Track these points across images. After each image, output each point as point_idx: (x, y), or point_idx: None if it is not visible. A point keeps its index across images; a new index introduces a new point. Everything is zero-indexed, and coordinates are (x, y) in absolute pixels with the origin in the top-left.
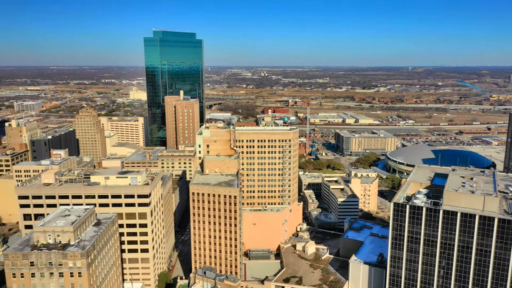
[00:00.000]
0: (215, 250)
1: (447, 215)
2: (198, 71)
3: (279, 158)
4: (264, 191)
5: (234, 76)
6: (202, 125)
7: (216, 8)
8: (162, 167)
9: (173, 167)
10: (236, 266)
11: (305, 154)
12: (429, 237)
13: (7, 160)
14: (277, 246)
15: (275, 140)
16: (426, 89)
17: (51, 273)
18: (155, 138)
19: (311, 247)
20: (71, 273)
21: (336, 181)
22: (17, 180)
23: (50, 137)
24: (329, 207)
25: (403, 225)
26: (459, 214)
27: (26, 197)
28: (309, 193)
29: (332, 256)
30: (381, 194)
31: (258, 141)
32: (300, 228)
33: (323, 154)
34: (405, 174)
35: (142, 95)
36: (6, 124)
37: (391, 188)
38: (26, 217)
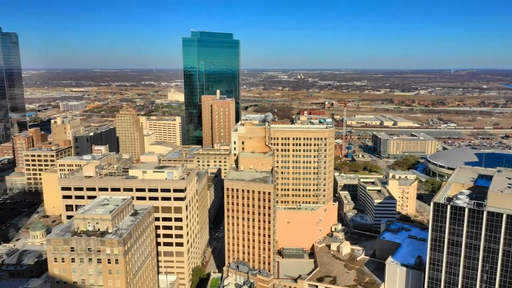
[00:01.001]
0: (248, 246)
1: (492, 216)
2: (234, 72)
3: (314, 157)
4: (299, 190)
5: (270, 79)
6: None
7: (253, 9)
8: (198, 165)
9: (208, 165)
10: (269, 263)
11: (341, 156)
12: (471, 239)
13: (52, 156)
14: (311, 246)
15: (310, 138)
16: (470, 92)
17: (90, 259)
18: (191, 137)
19: (346, 248)
20: (109, 259)
21: (373, 183)
22: (60, 173)
23: (92, 134)
24: (365, 209)
25: (443, 227)
26: (504, 216)
27: (69, 189)
28: (344, 194)
29: (367, 257)
30: (420, 197)
31: (293, 138)
32: (335, 228)
33: (360, 156)
34: (446, 177)
35: (180, 97)
36: (52, 121)
37: (431, 191)
38: (68, 207)
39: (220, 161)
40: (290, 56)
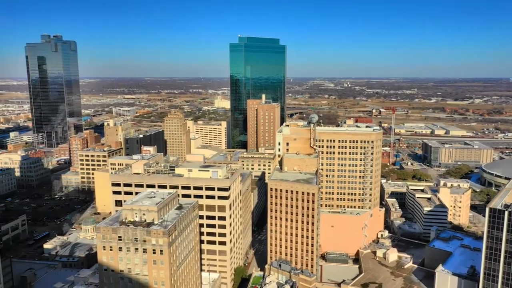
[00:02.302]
0: (291, 248)
1: None
2: (280, 78)
3: (360, 160)
4: (344, 193)
5: (316, 87)
6: None
7: (300, 17)
8: (242, 167)
9: (252, 168)
10: (312, 266)
11: (388, 164)
12: None
13: (104, 156)
14: (355, 251)
15: (357, 141)
16: None
17: (136, 249)
18: (236, 141)
19: (393, 255)
20: (154, 250)
21: (422, 190)
22: (111, 171)
23: (141, 136)
24: (413, 217)
25: (500, 234)
26: None
27: (118, 184)
28: (392, 201)
29: (415, 266)
30: (474, 208)
31: (339, 141)
32: (381, 235)
33: (409, 164)
34: (503, 188)
35: (226, 104)
36: (105, 123)
37: (486, 202)
38: (117, 203)
39: (264, 165)
40: (337, 64)
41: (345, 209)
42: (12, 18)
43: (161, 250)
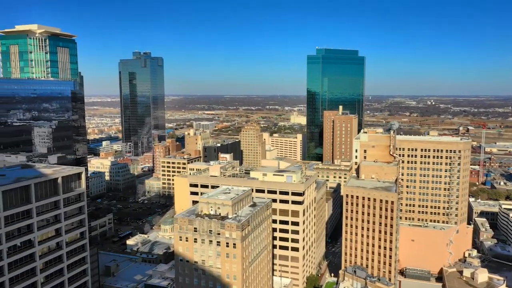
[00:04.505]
0: (367, 258)
1: None
2: (358, 90)
3: (445, 171)
4: (426, 206)
5: (396, 105)
6: None
7: (380, 31)
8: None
9: (327, 179)
10: (389, 279)
11: (477, 183)
12: None
13: (184, 163)
14: (438, 269)
15: (441, 150)
16: None
17: (210, 241)
18: (311, 154)
19: (483, 275)
20: (227, 243)
21: None
22: (190, 173)
23: (219, 145)
24: (507, 239)
25: None
26: None
27: (196, 185)
28: (481, 221)
29: None
30: None
31: (422, 150)
32: (469, 254)
33: (501, 183)
34: None
35: (302, 119)
36: (185, 133)
37: None
38: (194, 203)
39: (340, 177)
40: (420, 81)
41: (427, 223)
42: (108, 37)
43: (234, 244)
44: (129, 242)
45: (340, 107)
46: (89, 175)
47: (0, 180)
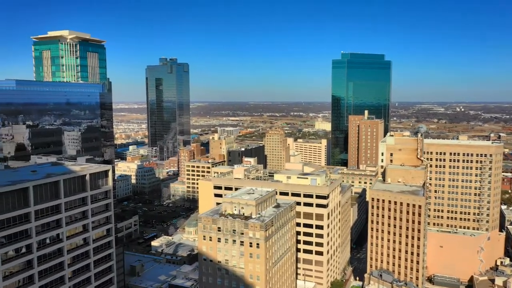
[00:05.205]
0: (393, 264)
1: None
2: (384, 96)
3: (476, 175)
4: (455, 212)
5: (424, 111)
6: None
7: (406, 37)
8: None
9: (352, 185)
10: (417, 286)
11: (510, 191)
12: None
13: (208, 167)
14: (468, 277)
15: (471, 154)
16: None
17: (234, 240)
18: (336, 159)
19: None
20: (250, 243)
21: None
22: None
23: (243, 149)
24: None
25: None
26: None
27: (220, 188)
28: None
29: None
30: None
31: (451, 154)
32: (501, 262)
33: None
34: None
35: (326, 126)
36: (210, 137)
37: None
38: (218, 205)
39: (365, 182)
40: (448, 88)
41: (456, 229)
42: (135, 43)
43: (257, 244)
44: (154, 243)
45: (366, 111)
46: (116, 178)
47: (32, 175)
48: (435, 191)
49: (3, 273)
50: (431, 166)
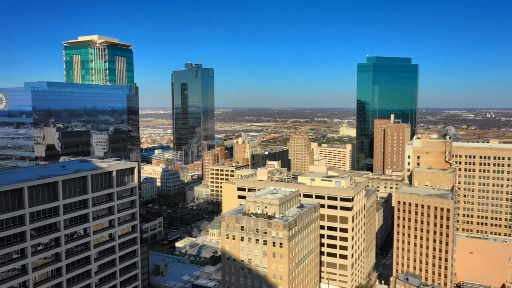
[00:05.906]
0: (420, 269)
1: None
2: (411, 100)
3: (508, 180)
4: (486, 217)
5: (452, 117)
6: None
7: (434, 41)
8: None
9: (378, 189)
10: None
11: None
12: None
13: (232, 170)
14: (500, 285)
15: (503, 158)
16: None
17: (257, 240)
18: (361, 164)
19: None
20: (274, 242)
21: None
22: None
23: (267, 153)
24: None
25: None
26: None
27: (243, 189)
28: None
29: None
30: None
31: (481, 157)
32: None
33: None
34: None
35: (351, 131)
36: (234, 141)
37: None
38: (242, 205)
39: (391, 187)
40: (478, 93)
41: (487, 235)
42: (161, 48)
43: (280, 243)
44: (178, 244)
45: (392, 115)
46: (141, 180)
47: (61, 171)
48: (464, 196)
49: (33, 264)
50: (460, 169)
